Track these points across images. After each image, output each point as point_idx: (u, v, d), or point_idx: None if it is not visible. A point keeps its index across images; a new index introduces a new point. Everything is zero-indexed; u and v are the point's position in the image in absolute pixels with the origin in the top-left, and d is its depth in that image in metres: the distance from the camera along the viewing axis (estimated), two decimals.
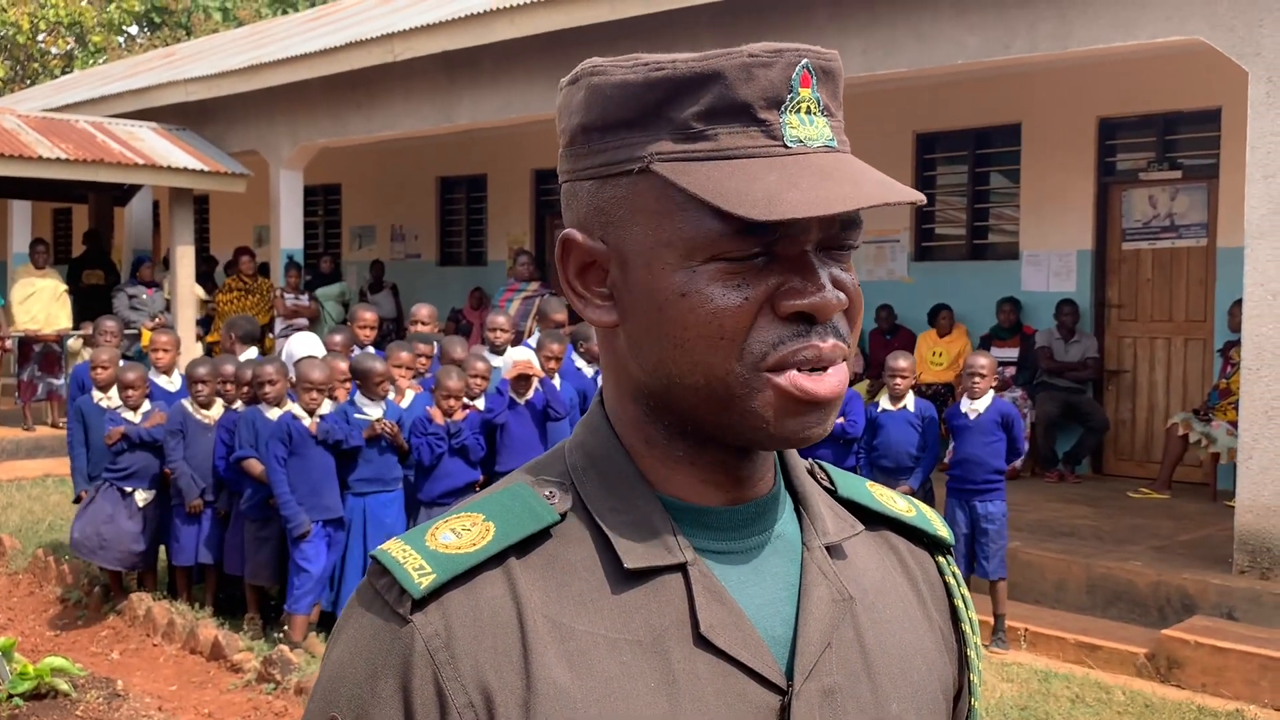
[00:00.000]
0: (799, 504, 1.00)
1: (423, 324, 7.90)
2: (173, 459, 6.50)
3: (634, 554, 0.90)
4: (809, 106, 0.89)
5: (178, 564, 6.65)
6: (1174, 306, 9.18)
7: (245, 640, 6.03)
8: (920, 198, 0.88)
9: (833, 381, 0.89)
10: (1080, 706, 5.35)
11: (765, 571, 0.94)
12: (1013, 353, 9.47)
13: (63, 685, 5.39)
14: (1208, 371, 8.93)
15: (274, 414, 6.16)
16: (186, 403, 6.60)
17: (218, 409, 6.56)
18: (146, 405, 6.70)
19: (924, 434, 6.37)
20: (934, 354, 9.69)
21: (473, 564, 0.89)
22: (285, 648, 5.70)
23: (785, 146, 0.88)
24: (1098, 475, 9.35)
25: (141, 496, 6.62)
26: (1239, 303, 6.80)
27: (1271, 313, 6.08)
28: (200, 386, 6.53)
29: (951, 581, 1.09)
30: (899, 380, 6.42)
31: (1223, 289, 8.59)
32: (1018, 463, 7.67)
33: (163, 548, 6.82)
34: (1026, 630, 6.21)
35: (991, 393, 6.27)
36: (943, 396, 9.06)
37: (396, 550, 0.91)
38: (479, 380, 6.45)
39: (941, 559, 1.10)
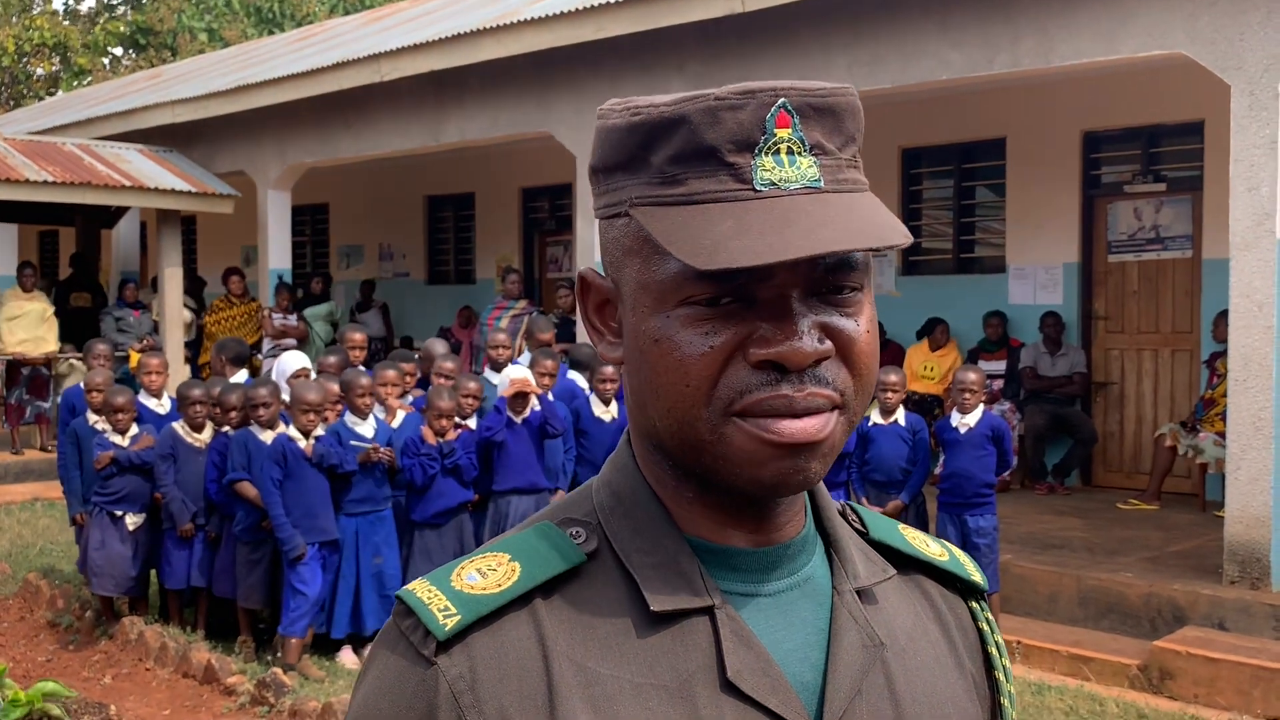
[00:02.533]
0: (830, 546, 0.98)
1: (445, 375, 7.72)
2: (164, 483, 6.47)
3: (660, 597, 0.89)
4: (790, 147, 0.87)
5: (170, 587, 6.62)
6: (1160, 318, 9.22)
7: (238, 663, 6.01)
8: (899, 241, 0.85)
9: (809, 424, 0.86)
10: (1074, 718, 5.36)
11: (794, 616, 0.93)
12: (1000, 365, 9.50)
13: (55, 711, 5.36)
14: (1195, 382, 8.97)
15: (268, 436, 6.14)
16: (178, 426, 6.58)
17: (208, 432, 6.55)
18: (134, 429, 6.68)
19: (914, 448, 6.39)
20: (925, 367, 9.72)
21: (498, 605, 0.88)
22: (279, 670, 5.69)
23: (755, 190, 0.86)
24: (1087, 487, 9.38)
25: (132, 521, 6.60)
26: (1224, 314, 6.84)
27: (1257, 324, 6.11)
28: (197, 408, 6.51)
29: (985, 628, 1.07)
30: (889, 395, 6.45)
31: (1208, 300, 8.64)
32: (1007, 475, 7.68)
33: (153, 571, 6.80)
34: (1020, 643, 6.22)
35: (982, 407, 6.30)
36: (929, 407, 9.10)
37: (422, 591, 0.90)
38: (470, 400, 6.46)
39: (975, 604, 1.08)
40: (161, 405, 7.18)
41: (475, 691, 0.85)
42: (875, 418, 6.49)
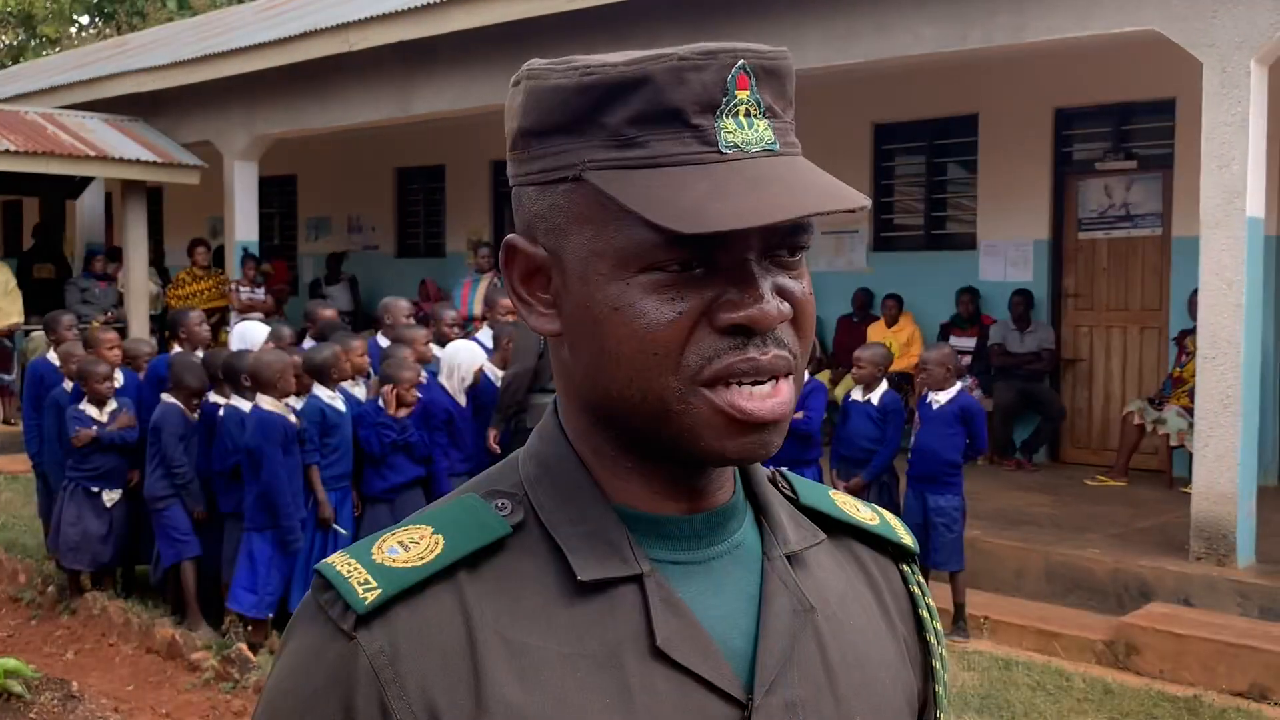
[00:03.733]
0: (759, 513, 0.98)
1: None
2: (179, 465, 6.14)
3: (588, 566, 0.88)
4: (748, 109, 0.86)
5: (166, 565, 6.32)
6: (1129, 296, 9.26)
7: (203, 639, 5.95)
8: (862, 202, 0.84)
9: (774, 403, 0.86)
10: (1041, 694, 5.39)
11: (724, 582, 0.92)
12: (971, 342, 9.53)
13: (16, 687, 5.31)
14: (1163, 360, 9.01)
15: (280, 406, 5.83)
16: (175, 399, 6.27)
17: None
18: (113, 404, 6.57)
19: (883, 427, 6.30)
20: (885, 344, 9.73)
21: (420, 578, 0.86)
22: (244, 646, 5.64)
23: (720, 152, 0.84)
24: (1055, 463, 9.42)
25: (109, 497, 6.52)
26: (1197, 292, 6.86)
27: (1226, 302, 6.13)
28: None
29: (916, 591, 1.07)
30: (855, 369, 6.42)
31: (1178, 278, 8.67)
32: (978, 460, 7.66)
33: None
34: (987, 618, 6.24)
35: (958, 386, 6.24)
36: (896, 384, 9.11)
37: (341, 564, 0.88)
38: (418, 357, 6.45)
39: (906, 568, 1.08)
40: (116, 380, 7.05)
41: (396, 666, 0.84)
42: (855, 393, 6.43)
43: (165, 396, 6.32)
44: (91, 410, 6.52)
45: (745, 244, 0.85)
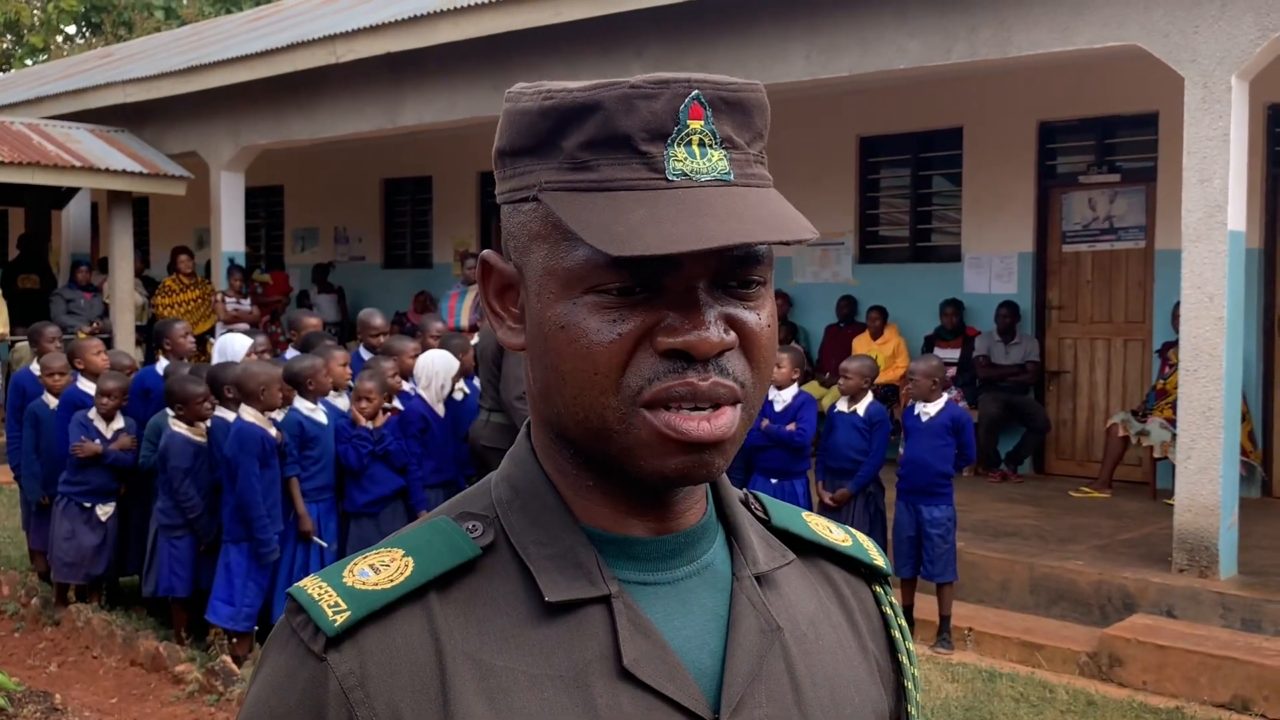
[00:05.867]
0: (730, 534, 0.99)
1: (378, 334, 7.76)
2: (188, 500, 5.94)
3: (556, 587, 0.89)
4: (702, 139, 0.87)
5: (162, 592, 6.14)
6: (1113, 308, 9.30)
7: (186, 652, 5.93)
8: (801, 235, 0.84)
9: (715, 424, 0.86)
10: (1024, 706, 5.40)
11: (693, 603, 0.93)
12: (955, 354, 9.56)
13: None
14: (1146, 372, 9.06)
15: (262, 419, 5.76)
16: (182, 427, 6.04)
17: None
18: (119, 421, 6.51)
19: (869, 438, 6.33)
20: (873, 356, 9.76)
21: (389, 600, 0.88)
22: (227, 658, 5.63)
23: (667, 179, 0.85)
24: (1039, 475, 9.46)
25: (103, 511, 6.49)
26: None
27: (1208, 314, 6.17)
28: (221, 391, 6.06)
29: (889, 611, 1.08)
30: (841, 380, 6.45)
31: (1161, 291, 8.72)
32: (965, 470, 7.69)
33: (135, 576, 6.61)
34: (971, 630, 6.26)
35: (946, 397, 6.28)
36: (884, 397, 9.14)
37: (312, 587, 0.90)
38: (395, 375, 6.43)
39: (879, 589, 1.09)
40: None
41: (365, 687, 0.85)
42: (840, 404, 6.45)
43: (173, 424, 6.06)
44: (99, 423, 6.47)
45: (694, 271, 0.86)
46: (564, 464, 0.93)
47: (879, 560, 1.09)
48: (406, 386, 6.47)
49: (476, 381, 6.57)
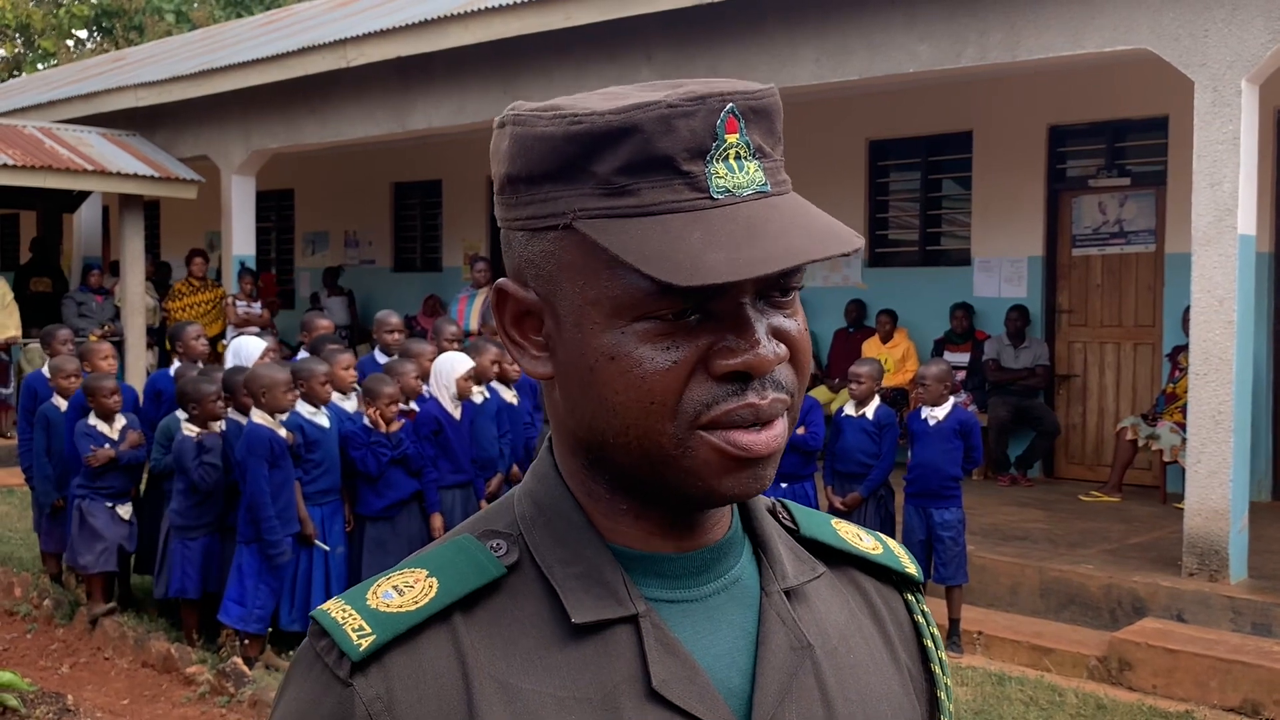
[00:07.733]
0: (758, 547, 0.96)
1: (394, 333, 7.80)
2: (204, 480, 5.94)
3: (583, 608, 0.87)
4: (738, 152, 0.85)
5: (173, 594, 6.18)
6: (1123, 312, 9.29)
7: (198, 653, 5.95)
8: (856, 244, 0.84)
9: (769, 435, 0.86)
10: (1034, 709, 5.40)
11: (721, 620, 0.91)
12: (964, 358, 9.56)
13: (11, 701, 5.31)
14: (1156, 376, 9.05)
15: (271, 421, 5.77)
16: (192, 430, 6.04)
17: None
18: (121, 420, 6.54)
19: (879, 442, 6.35)
20: (881, 360, 9.77)
21: (415, 623, 0.86)
22: (239, 660, 5.64)
23: (712, 198, 0.83)
24: (1049, 479, 9.45)
25: (123, 511, 6.50)
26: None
27: (1218, 319, 6.17)
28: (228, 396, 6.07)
29: (921, 620, 1.06)
30: (852, 385, 6.46)
31: (1170, 294, 8.71)
32: (974, 473, 7.70)
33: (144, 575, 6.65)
34: (981, 634, 6.26)
35: (952, 400, 6.30)
36: (893, 400, 9.14)
37: (336, 610, 0.88)
38: (415, 380, 6.45)
39: (910, 597, 1.07)
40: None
41: (393, 712, 0.84)
42: (848, 408, 6.47)
43: (185, 427, 6.08)
44: (102, 426, 6.47)
45: (740, 289, 0.84)
46: (596, 488, 0.91)
47: (911, 567, 1.07)
48: (424, 389, 6.48)
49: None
